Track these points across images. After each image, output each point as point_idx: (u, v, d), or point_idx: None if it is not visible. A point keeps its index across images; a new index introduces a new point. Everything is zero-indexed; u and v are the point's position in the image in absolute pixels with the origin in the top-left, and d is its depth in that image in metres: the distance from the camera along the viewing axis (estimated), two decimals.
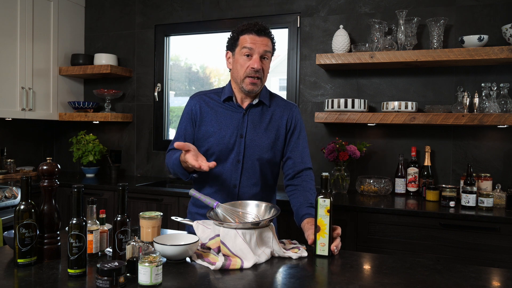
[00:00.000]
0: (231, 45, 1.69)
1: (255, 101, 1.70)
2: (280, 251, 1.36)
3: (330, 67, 2.81)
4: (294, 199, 1.68)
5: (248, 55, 1.62)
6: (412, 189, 2.66)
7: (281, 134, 1.72)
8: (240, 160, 1.67)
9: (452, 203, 2.28)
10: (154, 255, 1.09)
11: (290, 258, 1.35)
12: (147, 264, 1.07)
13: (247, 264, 1.25)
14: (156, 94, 3.42)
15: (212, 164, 1.43)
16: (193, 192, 1.50)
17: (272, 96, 1.78)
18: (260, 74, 1.63)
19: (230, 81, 1.75)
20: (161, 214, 1.46)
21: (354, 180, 2.83)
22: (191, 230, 1.55)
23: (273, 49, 1.70)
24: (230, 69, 1.73)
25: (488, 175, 2.48)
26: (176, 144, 1.46)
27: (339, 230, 1.45)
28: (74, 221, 1.17)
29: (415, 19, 2.59)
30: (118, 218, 1.22)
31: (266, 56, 1.64)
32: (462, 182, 2.48)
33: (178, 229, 1.98)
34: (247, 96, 1.70)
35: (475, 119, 2.39)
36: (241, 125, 1.68)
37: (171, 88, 3.57)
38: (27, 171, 3.27)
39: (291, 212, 1.97)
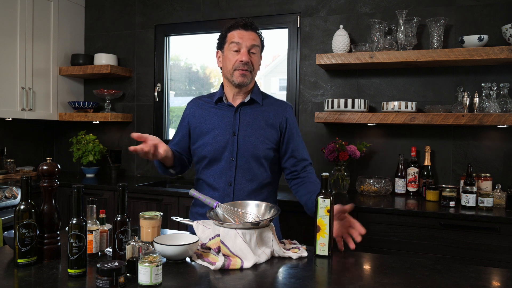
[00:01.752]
0: (220, 44, 1.73)
1: (247, 99, 1.72)
2: (280, 251, 1.36)
3: (330, 67, 2.81)
4: (305, 188, 1.69)
5: (236, 50, 1.65)
6: (412, 189, 2.66)
7: (275, 132, 1.72)
8: (234, 158, 1.68)
9: (452, 203, 2.28)
10: (154, 255, 1.09)
11: (290, 258, 1.35)
12: (147, 264, 1.07)
13: (247, 264, 1.25)
14: (156, 94, 3.42)
15: (159, 149, 1.58)
16: (193, 192, 1.49)
17: (265, 95, 1.80)
18: (250, 67, 1.65)
19: (222, 83, 1.78)
20: (161, 214, 1.46)
21: (354, 180, 2.83)
22: (193, 231, 1.55)
23: (262, 45, 1.72)
24: (221, 68, 1.76)
25: (488, 175, 2.48)
26: (132, 135, 1.58)
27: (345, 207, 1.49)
28: (74, 221, 1.17)
29: (415, 19, 2.59)
30: (118, 218, 1.22)
31: (254, 50, 1.66)
32: (462, 182, 2.48)
33: (178, 229, 1.98)
34: (239, 92, 1.71)
35: (475, 119, 2.39)
36: (233, 123, 1.70)
37: (171, 88, 3.57)
38: (27, 171, 3.27)
39: (291, 212, 1.96)
